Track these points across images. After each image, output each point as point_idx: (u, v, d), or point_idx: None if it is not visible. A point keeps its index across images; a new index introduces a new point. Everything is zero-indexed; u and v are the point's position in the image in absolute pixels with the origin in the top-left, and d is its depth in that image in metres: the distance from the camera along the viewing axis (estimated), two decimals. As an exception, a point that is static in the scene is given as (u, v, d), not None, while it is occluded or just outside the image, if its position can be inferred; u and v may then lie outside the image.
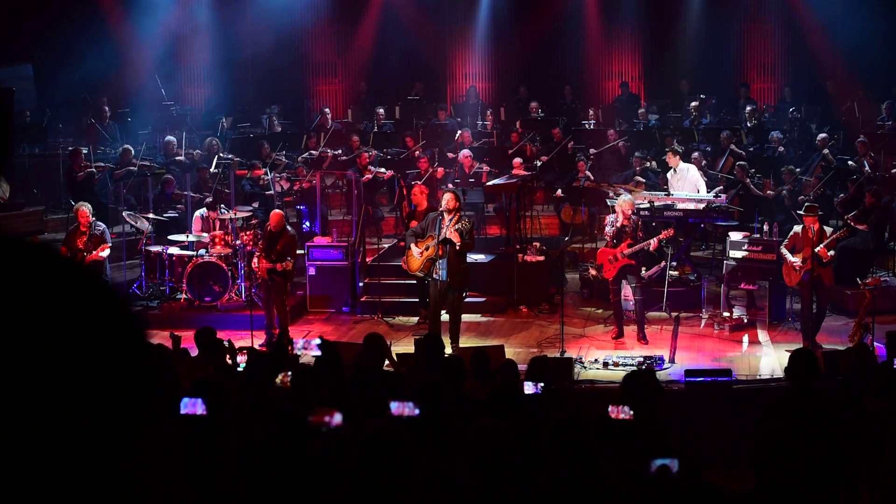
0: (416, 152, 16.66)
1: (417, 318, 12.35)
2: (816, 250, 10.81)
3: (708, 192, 13.84)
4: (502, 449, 4.00)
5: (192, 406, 4.27)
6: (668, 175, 14.06)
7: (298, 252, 12.01)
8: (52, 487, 1.08)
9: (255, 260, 11.52)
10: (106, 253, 12.07)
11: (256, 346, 10.27)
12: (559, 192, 15.95)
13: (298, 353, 4.08)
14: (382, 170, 15.73)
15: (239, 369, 7.21)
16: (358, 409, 4.48)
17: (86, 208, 12.14)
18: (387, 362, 7.70)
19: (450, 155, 16.74)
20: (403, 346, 10.74)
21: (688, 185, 13.73)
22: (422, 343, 7.62)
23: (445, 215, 10.81)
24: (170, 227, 13.86)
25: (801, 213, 11.26)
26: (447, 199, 10.84)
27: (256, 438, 4.42)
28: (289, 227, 11.88)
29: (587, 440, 4.08)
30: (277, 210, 12.06)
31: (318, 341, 4.02)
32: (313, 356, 4.18)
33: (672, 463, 4.01)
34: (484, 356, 7.65)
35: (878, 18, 17.87)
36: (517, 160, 15.24)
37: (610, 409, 4.80)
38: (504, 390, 5.46)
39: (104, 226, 12.36)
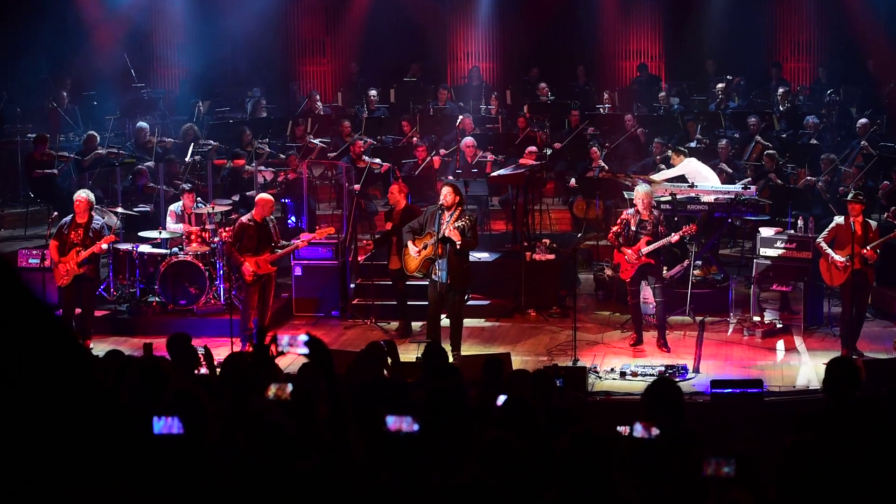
0: (413, 139, 16.67)
1: (397, 325, 12.32)
2: (864, 252, 10.81)
3: (736, 184, 13.84)
4: (512, 463, 4.01)
5: (168, 425, 4.24)
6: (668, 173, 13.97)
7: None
8: None
9: (247, 265, 11.45)
10: (106, 246, 11.78)
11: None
12: (572, 182, 15.95)
13: (283, 350, 4.07)
14: (378, 161, 15.73)
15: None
16: (352, 421, 4.49)
17: (84, 196, 11.66)
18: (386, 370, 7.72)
19: (450, 143, 16.74)
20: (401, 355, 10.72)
21: (695, 178, 13.71)
22: (427, 352, 7.65)
23: (445, 211, 10.81)
24: (141, 222, 13.86)
25: (848, 199, 11.24)
26: (446, 193, 10.84)
27: (238, 455, 4.43)
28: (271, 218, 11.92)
29: (603, 457, 4.09)
30: (266, 195, 11.99)
31: (304, 338, 4.02)
32: (301, 354, 4.18)
33: (728, 463, 4.00)
34: (497, 364, 7.68)
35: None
36: (531, 148, 15.23)
37: (636, 427, 4.81)
38: (516, 402, 5.46)
39: (103, 220, 12.04)
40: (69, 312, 11.65)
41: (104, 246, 11.73)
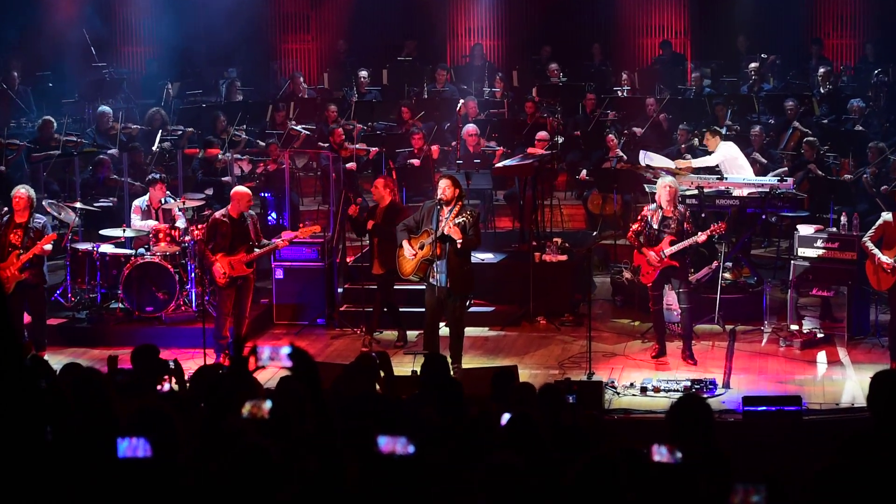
0: (409, 126, 16.68)
1: (366, 334, 12.30)
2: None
3: (771, 176, 13.84)
4: (518, 491, 4.01)
5: (134, 447, 4.23)
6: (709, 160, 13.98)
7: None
8: None
9: (219, 266, 11.47)
10: (49, 247, 11.67)
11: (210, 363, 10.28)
12: (583, 173, 15.96)
13: (264, 364, 4.07)
14: (363, 146, 15.73)
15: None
16: (340, 443, 4.49)
17: (24, 193, 11.58)
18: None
19: (449, 130, 16.74)
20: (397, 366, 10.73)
21: (730, 167, 13.70)
22: (427, 364, 7.65)
23: (443, 206, 10.81)
24: (102, 219, 13.87)
25: None
26: (444, 186, 10.83)
27: (211, 482, 4.42)
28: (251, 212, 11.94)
29: (622, 484, 4.09)
30: (242, 188, 12.00)
31: (287, 350, 4.01)
32: (283, 368, 4.17)
33: (758, 490, 4.00)
34: (508, 377, 7.69)
35: None
36: (541, 134, 15.23)
37: (659, 450, 4.81)
38: (521, 420, 5.47)
39: (45, 219, 11.96)
40: (17, 324, 11.61)
41: (47, 247, 11.60)
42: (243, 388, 4.80)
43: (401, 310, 12.46)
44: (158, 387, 7.57)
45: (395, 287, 12.32)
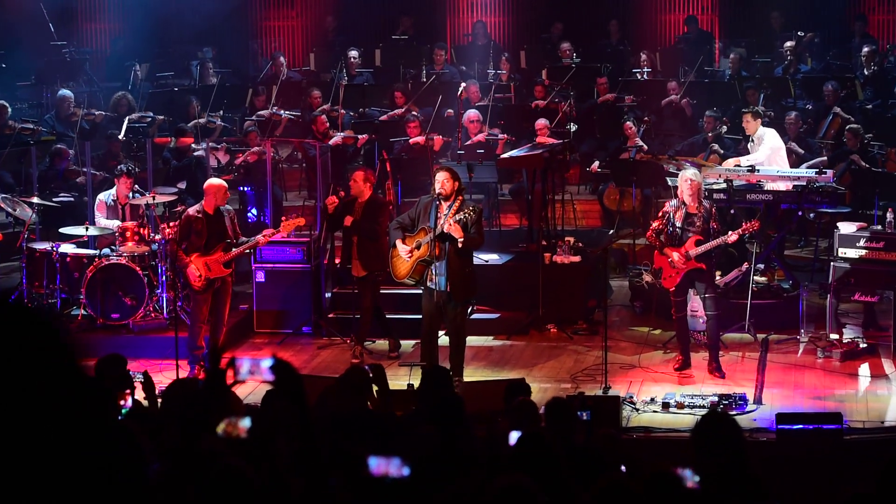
0: (404, 112, 16.71)
1: (356, 344, 12.28)
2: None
3: (808, 167, 13.85)
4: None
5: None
6: (749, 146, 14.07)
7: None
8: None
9: (193, 267, 11.49)
10: None
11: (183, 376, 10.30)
12: (594, 166, 15.97)
13: (243, 378, 4.08)
14: (349, 133, 15.73)
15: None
16: (328, 465, 4.50)
17: None
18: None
19: (449, 117, 16.75)
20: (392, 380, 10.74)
21: (773, 158, 13.71)
22: (428, 377, 7.68)
23: (442, 201, 10.83)
24: (63, 215, 13.88)
25: None
26: (442, 180, 10.83)
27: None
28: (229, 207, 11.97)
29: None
30: (217, 181, 12.02)
31: (269, 362, 4.02)
32: (265, 382, 4.19)
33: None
34: (521, 389, 7.70)
35: None
36: (541, 122, 15.22)
37: (684, 473, 4.83)
38: (531, 439, 5.48)
39: None
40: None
41: None
42: (220, 405, 4.81)
43: (395, 317, 12.48)
44: (122, 402, 7.57)
45: (384, 291, 12.37)
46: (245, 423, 4.45)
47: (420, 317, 11.19)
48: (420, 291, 11.15)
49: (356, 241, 12.13)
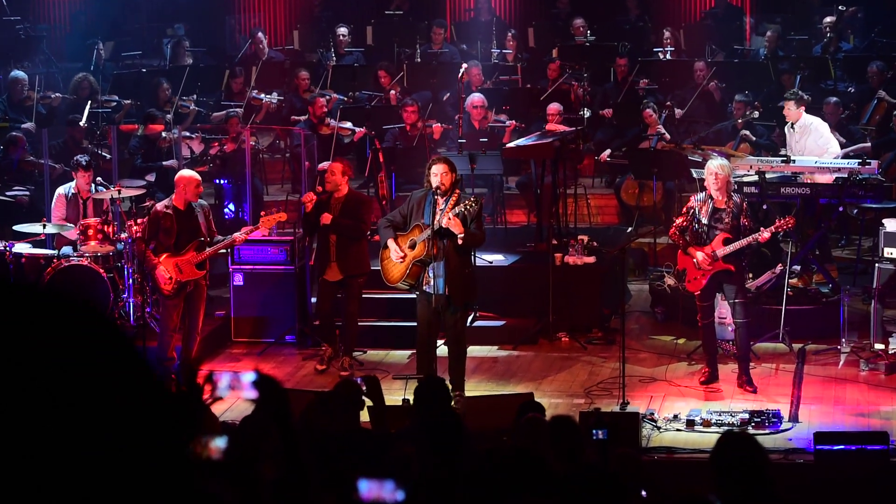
0: (393, 91, 16.70)
1: (345, 355, 12.31)
2: None
3: (848, 158, 13.86)
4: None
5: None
6: (787, 133, 14.10)
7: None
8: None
9: (163, 269, 11.54)
10: None
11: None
12: (604, 154, 15.99)
13: (222, 394, 4.14)
14: (349, 125, 15.75)
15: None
16: (315, 487, 4.56)
17: None
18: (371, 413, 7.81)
19: (449, 100, 16.76)
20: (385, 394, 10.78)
21: (812, 147, 13.75)
22: (421, 390, 7.72)
23: (439, 196, 10.87)
24: (16, 211, 13.91)
25: None
26: (440, 172, 10.84)
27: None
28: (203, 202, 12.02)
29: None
30: (189, 172, 12.04)
31: (252, 377, 4.08)
32: (247, 398, 4.24)
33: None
34: (535, 407, 7.72)
35: None
36: (553, 106, 15.23)
37: (710, 498, 4.88)
38: (532, 462, 5.53)
39: None
40: None
41: None
42: (196, 424, 4.86)
43: (385, 325, 12.52)
44: None
45: (368, 295, 12.41)
46: (220, 443, 4.50)
47: (415, 324, 11.23)
48: (414, 296, 11.19)
49: (335, 241, 12.13)
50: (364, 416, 7.85)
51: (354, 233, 12.02)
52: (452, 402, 10.62)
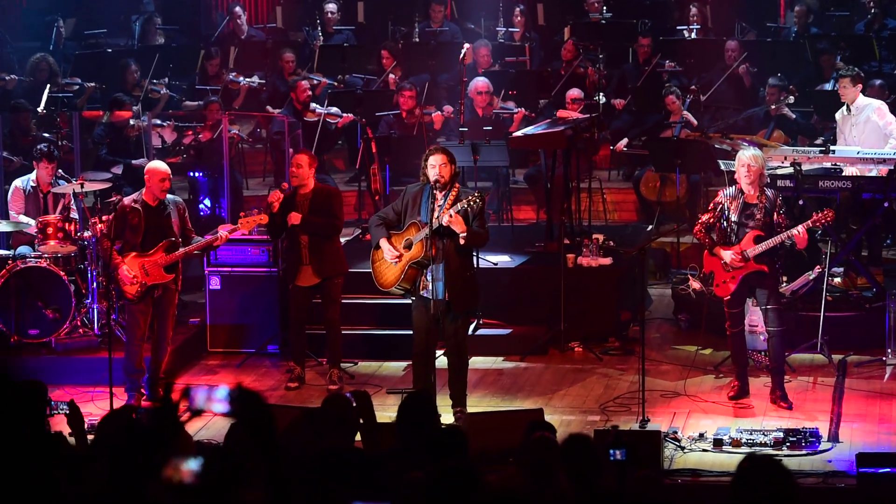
0: (392, 76, 16.65)
1: (332, 367, 12.25)
2: None
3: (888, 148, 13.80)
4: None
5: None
6: (838, 117, 13.93)
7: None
8: None
9: (125, 268, 11.46)
10: None
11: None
12: (620, 144, 15.94)
13: (199, 409, 4.06)
14: (335, 110, 15.72)
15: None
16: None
17: None
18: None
19: (450, 84, 16.73)
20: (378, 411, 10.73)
21: (870, 135, 13.66)
22: (405, 409, 7.65)
23: (437, 190, 10.80)
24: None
25: None
26: (438, 164, 10.79)
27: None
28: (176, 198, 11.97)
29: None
30: (159, 164, 11.95)
31: (230, 391, 4.01)
32: (224, 414, 4.17)
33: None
34: (544, 426, 7.68)
35: None
36: (573, 92, 15.16)
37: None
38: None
39: None
40: None
41: None
42: (170, 443, 4.78)
43: (376, 333, 12.47)
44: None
45: (352, 301, 12.42)
46: (192, 465, 4.42)
47: (411, 332, 11.16)
48: (410, 302, 11.13)
49: (306, 242, 12.01)
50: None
51: (328, 230, 11.95)
52: (453, 419, 10.61)
